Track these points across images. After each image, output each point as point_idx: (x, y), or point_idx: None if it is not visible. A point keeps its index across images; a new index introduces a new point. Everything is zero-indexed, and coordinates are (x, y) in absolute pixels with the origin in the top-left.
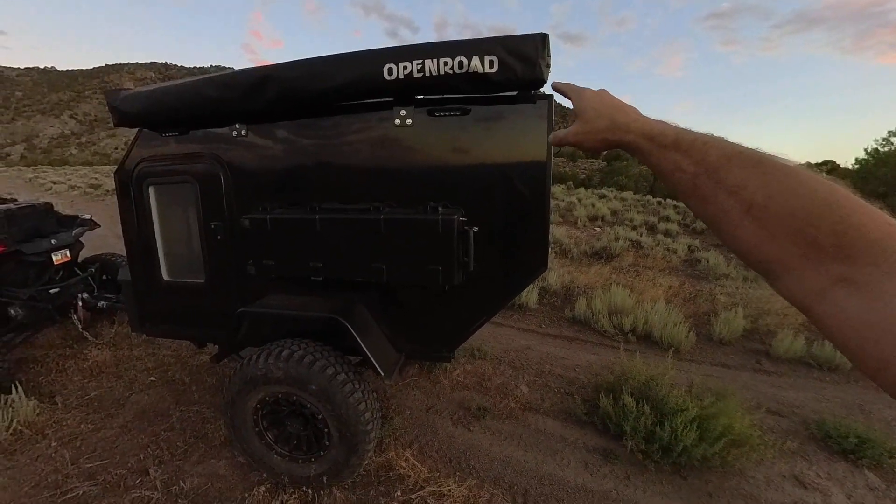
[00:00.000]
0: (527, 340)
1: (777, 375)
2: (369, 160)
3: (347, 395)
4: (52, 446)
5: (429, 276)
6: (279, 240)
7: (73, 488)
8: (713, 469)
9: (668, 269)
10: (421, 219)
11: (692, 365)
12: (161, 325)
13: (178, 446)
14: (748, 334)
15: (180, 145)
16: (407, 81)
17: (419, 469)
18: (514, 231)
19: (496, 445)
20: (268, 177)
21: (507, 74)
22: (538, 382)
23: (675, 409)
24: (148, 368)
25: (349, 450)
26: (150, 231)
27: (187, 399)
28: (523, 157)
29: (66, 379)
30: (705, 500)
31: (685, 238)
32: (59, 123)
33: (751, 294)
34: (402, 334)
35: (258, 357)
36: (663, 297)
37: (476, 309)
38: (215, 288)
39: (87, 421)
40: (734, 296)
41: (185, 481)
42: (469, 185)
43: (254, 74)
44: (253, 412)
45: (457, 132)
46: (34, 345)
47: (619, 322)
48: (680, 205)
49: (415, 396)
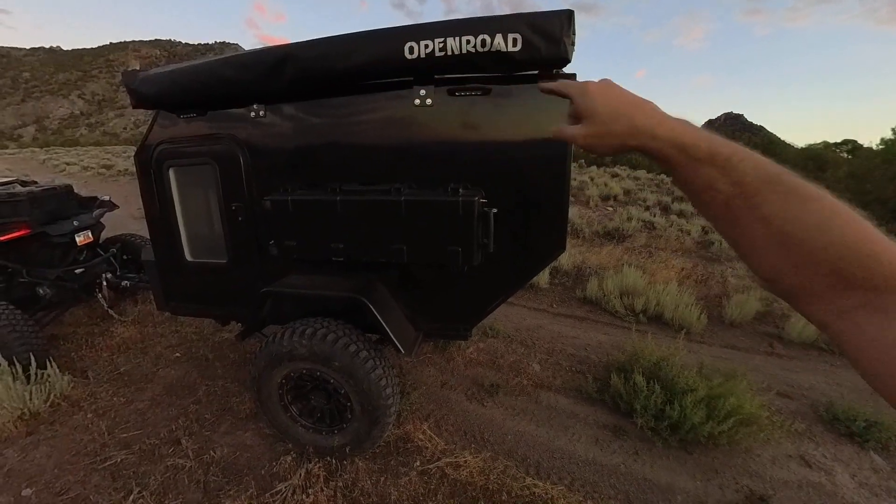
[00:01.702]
0: (538, 320)
1: (788, 359)
2: (388, 141)
3: (369, 371)
4: (88, 417)
5: (449, 257)
6: (300, 221)
7: (111, 456)
8: (720, 447)
9: (681, 251)
10: (442, 200)
11: (702, 346)
12: (185, 304)
13: (206, 418)
14: (761, 317)
15: (198, 127)
16: (428, 60)
17: (436, 441)
18: (532, 212)
19: (509, 420)
20: (287, 158)
21: (530, 53)
22: (550, 361)
23: (684, 389)
24: (172, 345)
25: (371, 422)
26: (171, 213)
27: (212, 374)
28: (544, 138)
29: (96, 355)
30: (710, 475)
31: (699, 219)
32: (68, 104)
33: None
34: (420, 313)
35: (283, 335)
36: (676, 279)
37: (494, 289)
38: (238, 268)
39: (118, 394)
40: (746, 278)
41: (214, 451)
42: (489, 165)
43: (272, 54)
44: (278, 387)
45: (477, 112)
46: (63, 323)
47: (630, 303)
48: None
49: (430, 373)
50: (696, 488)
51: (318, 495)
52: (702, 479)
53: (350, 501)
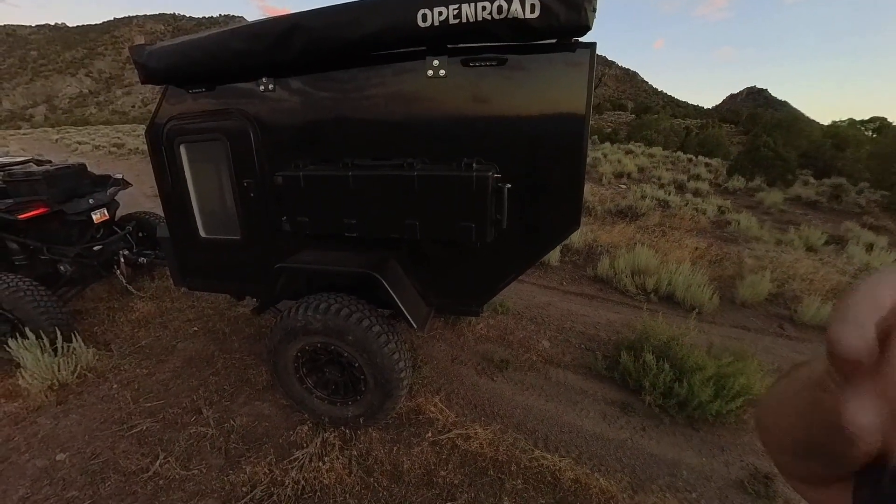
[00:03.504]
0: (548, 297)
1: (799, 341)
2: (400, 114)
3: (382, 345)
4: (113, 388)
5: (462, 232)
6: (312, 197)
7: (137, 424)
8: (727, 425)
9: (695, 230)
10: (455, 175)
11: (713, 327)
12: (201, 280)
13: (224, 389)
14: (773, 298)
15: (208, 102)
16: (442, 28)
17: (447, 414)
18: (547, 188)
19: (518, 395)
20: (297, 132)
21: (549, 20)
22: (559, 338)
23: (693, 368)
24: (190, 319)
25: (384, 394)
26: (184, 189)
27: (229, 347)
28: (560, 111)
29: (118, 329)
30: (716, 452)
31: (716, 198)
32: (76, 82)
33: (781, 258)
34: (432, 289)
35: (298, 309)
36: (689, 259)
37: (507, 265)
38: (251, 244)
39: (141, 366)
40: (763, 259)
41: (234, 419)
42: (503, 139)
43: (281, 24)
44: (294, 360)
45: (491, 83)
46: (85, 298)
47: (641, 282)
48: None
49: (440, 348)
50: (701, 464)
51: (333, 463)
52: (707, 455)
53: (364, 469)
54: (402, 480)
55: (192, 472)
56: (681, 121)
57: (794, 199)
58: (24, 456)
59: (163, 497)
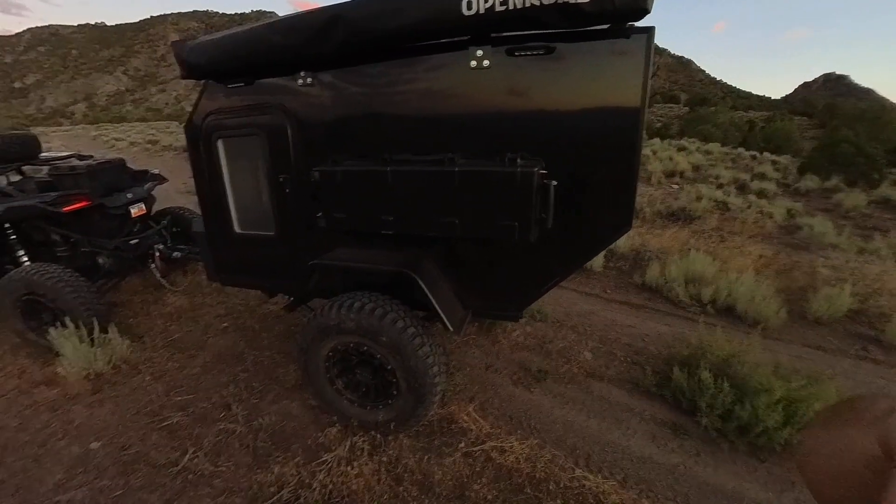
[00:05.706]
0: (590, 305)
1: (888, 366)
2: (441, 107)
3: (416, 348)
4: (146, 380)
5: (504, 231)
6: (350, 192)
7: (168, 417)
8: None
9: (760, 236)
10: (498, 171)
11: (780, 345)
12: (235, 276)
13: (254, 386)
14: (854, 315)
15: (246, 97)
16: (487, 16)
17: (481, 424)
18: (597, 185)
19: (557, 408)
20: (335, 127)
21: (602, 4)
22: (602, 349)
23: (758, 389)
24: (220, 315)
25: (416, 400)
26: (220, 184)
27: (258, 344)
28: (613, 103)
29: (151, 322)
30: (786, 487)
31: (784, 200)
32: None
33: (864, 269)
34: (470, 290)
35: (331, 308)
36: (752, 267)
37: (551, 267)
38: (286, 241)
39: (172, 359)
40: (841, 270)
41: (263, 418)
42: (550, 134)
43: (321, 16)
44: (325, 359)
45: (538, 74)
46: (120, 291)
47: (696, 292)
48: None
49: (474, 354)
50: (767, 500)
51: (362, 468)
52: (775, 490)
53: (394, 477)
54: (433, 492)
55: (220, 468)
56: (743, 113)
57: (880, 202)
58: (60, 442)
59: (191, 492)
